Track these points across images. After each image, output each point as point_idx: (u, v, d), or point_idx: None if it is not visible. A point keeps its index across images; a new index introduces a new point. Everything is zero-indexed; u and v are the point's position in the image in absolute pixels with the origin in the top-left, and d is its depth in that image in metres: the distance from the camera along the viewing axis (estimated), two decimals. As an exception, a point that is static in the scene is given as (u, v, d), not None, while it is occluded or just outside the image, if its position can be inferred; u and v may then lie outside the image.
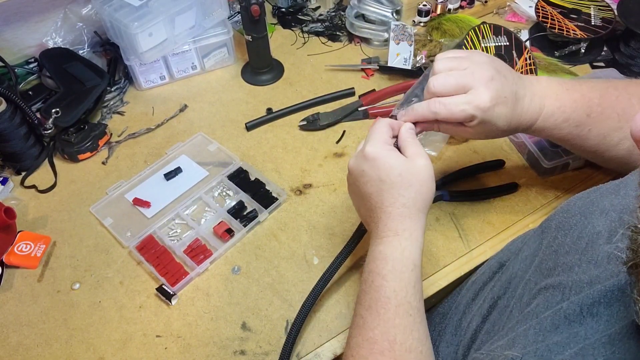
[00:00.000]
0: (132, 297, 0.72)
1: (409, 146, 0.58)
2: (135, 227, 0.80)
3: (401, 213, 0.56)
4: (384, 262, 0.55)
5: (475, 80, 0.57)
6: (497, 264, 0.64)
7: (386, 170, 0.56)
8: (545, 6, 1.03)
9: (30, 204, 0.84)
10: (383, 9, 1.04)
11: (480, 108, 0.57)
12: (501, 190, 0.80)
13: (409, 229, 0.56)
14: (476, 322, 0.59)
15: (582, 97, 0.62)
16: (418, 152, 0.57)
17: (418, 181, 0.56)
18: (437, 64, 0.60)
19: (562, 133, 0.64)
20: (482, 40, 0.90)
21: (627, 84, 0.64)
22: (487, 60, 0.59)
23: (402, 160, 0.57)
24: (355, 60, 1.05)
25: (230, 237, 0.76)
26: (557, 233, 0.53)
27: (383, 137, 0.58)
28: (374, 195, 0.57)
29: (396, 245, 0.55)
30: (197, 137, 0.93)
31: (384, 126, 0.60)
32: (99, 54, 1.06)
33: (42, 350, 0.67)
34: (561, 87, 0.63)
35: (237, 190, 0.83)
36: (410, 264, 0.55)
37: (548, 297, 0.45)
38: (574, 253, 0.47)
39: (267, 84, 1.02)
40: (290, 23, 1.16)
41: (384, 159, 0.56)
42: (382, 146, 0.57)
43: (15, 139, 0.85)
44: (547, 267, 0.50)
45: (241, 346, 0.66)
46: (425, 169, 0.57)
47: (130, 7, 0.92)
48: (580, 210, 0.52)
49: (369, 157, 0.57)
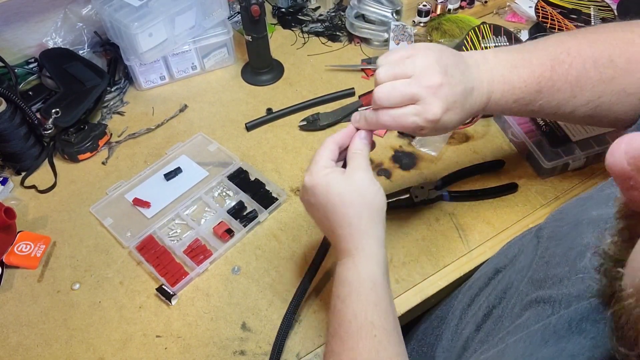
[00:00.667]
0: (132, 297, 0.72)
1: (351, 159, 0.57)
2: (135, 227, 0.80)
3: (350, 233, 0.55)
4: (342, 285, 0.54)
5: (423, 90, 0.53)
6: (493, 270, 0.63)
7: (325, 195, 0.55)
8: (545, 6, 1.03)
9: (30, 204, 0.85)
10: (383, 9, 1.04)
11: (430, 120, 0.54)
12: (501, 190, 0.80)
13: (360, 248, 0.54)
14: (469, 329, 0.58)
15: (532, 74, 0.58)
16: (357, 165, 0.56)
17: (358, 196, 0.54)
18: (380, 72, 0.55)
19: (513, 111, 0.62)
20: (482, 40, 0.90)
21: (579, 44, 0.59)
22: (433, 61, 0.54)
23: (339, 179, 0.55)
24: (355, 61, 1.05)
25: (230, 238, 0.76)
26: (549, 243, 0.52)
27: (320, 160, 0.57)
28: (323, 221, 0.57)
29: (350, 266, 0.54)
30: (197, 137, 0.93)
31: (326, 149, 0.58)
32: (99, 54, 1.06)
33: (42, 350, 0.67)
34: (509, 66, 0.59)
35: (237, 191, 0.83)
36: (368, 283, 0.53)
37: (539, 311, 0.45)
38: (564, 265, 0.47)
39: (267, 84, 1.02)
40: (290, 23, 1.16)
41: (320, 186, 0.55)
42: (319, 172, 0.56)
43: (15, 139, 0.85)
44: (538, 279, 0.49)
45: (241, 346, 0.66)
46: (363, 181, 0.55)
47: (130, 7, 0.92)
48: (571, 220, 0.51)
49: (307, 187, 0.57)
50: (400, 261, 0.73)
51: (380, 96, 0.54)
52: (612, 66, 0.58)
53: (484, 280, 0.64)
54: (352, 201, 0.54)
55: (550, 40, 0.61)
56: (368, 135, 0.59)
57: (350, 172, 0.56)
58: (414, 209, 0.79)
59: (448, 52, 0.57)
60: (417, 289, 0.70)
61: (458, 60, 0.57)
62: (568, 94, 0.59)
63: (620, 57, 0.58)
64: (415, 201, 0.78)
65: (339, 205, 0.54)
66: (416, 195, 0.78)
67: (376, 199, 0.55)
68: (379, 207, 0.56)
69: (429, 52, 0.55)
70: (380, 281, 0.54)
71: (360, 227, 0.54)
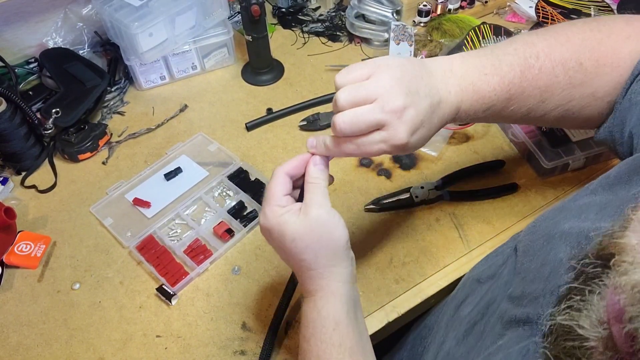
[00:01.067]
0: (132, 297, 0.72)
1: (307, 191, 0.53)
2: (135, 227, 0.80)
3: (310, 276, 0.53)
4: (306, 325, 0.53)
5: (388, 116, 0.49)
6: (476, 280, 0.62)
7: (280, 239, 0.52)
8: (546, 6, 1.03)
9: (30, 204, 0.85)
10: (383, 9, 1.04)
11: (397, 146, 0.51)
12: (501, 191, 0.80)
13: (320, 289, 0.53)
14: (450, 344, 0.57)
15: (501, 81, 0.56)
16: (312, 201, 0.52)
17: (314, 239, 0.51)
18: (340, 97, 0.51)
19: (483, 119, 0.60)
20: (482, 40, 0.90)
21: (548, 46, 0.58)
22: (395, 80, 0.50)
23: (292, 222, 0.52)
24: (356, 61, 1.04)
25: (230, 237, 0.76)
26: (524, 258, 0.51)
27: (273, 198, 0.53)
28: (284, 260, 0.56)
29: (312, 306, 0.53)
30: (197, 137, 0.93)
31: (274, 184, 0.54)
32: (99, 54, 1.06)
33: (42, 350, 0.67)
34: (478, 73, 0.56)
35: (237, 191, 0.83)
36: (330, 324, 0.52)
37: (520, 333, 0.45)
38: (539, 282, 0.46)
39: (268, 84, 1.02)
40: (291, 23, 1.16)
41: (274, 229, 0.52)
42: (272, 212, 0.52)
43: (16, 139, 0.85)
44: (516, 295, 0.49)
45: (241, 346, 0.66)
46: (318, 219, 0.51)
47: (131, 7, 0.92)
48: (544, 234, 0.50)
49: (262, 229, 0.54)
50: (400, 261, 0.73)
51: (343, 126, 0.50)
52: (581, 70, 0.57)
53: (467, 290, 0.63)
54: (308, 245, 0.51)
55: (519, 42, 0.59)
56: (324, 161, 0.55)
57: (305, 209, 0.52)
58: (414, 209, 0.79)
59: (410, 66, 0.53)
60: (417, 289, 0.70)
61: (422, 73, 0.53)
62: (538, 99, 0.58)
63: (590, 59, 0.57)
64: (416, 201, 0.78)
65: (294, 251, 0.52)
66: (416, 195, 0.79)
67: (335, 235, 0.52)
68: (339, 243, 0.52)
69: (390, 70, 0.51)
70: (343, 320, 0.52)
71: (318, 270, 0.52)
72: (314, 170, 0.54)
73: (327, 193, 0.53)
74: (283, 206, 0.53)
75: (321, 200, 0.52)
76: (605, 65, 0.57)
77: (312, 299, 0.53)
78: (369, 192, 0.82)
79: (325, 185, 0.54)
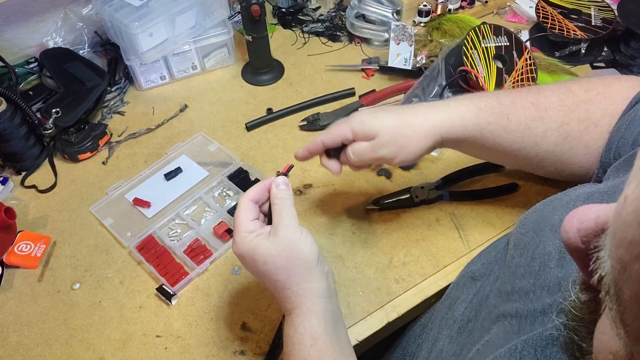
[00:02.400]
0: (132, 297, 0.72)
1: (274, 212, 0.55)
2: (135, 227, 0.80)
3: (285, 295, 0.54)
4: (286, 343, 0.54)
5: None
6: (470, 277, 0.63)
7: (253, 264, 0.54)
8: (546, 6, 1.03)
9: (30, 204, 0.85)
10: (383, 9, 1.04)
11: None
12: (501, 191, 0.80)
13: (297, 306, 0.53)
14: (443, 342, 0.57)
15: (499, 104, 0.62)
16: (280, 221, 0.54)
17: (286, 258, 0.53)
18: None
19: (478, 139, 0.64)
20: (482, 40, 0.90)
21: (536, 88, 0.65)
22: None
23: (262, 245, 0.53)
24: (356, 61, 1.05)
25: (230, 237, 0.76)
26: (514, 252, 0.52)
27: (241, 225, 0.55)
28: (261, 283, 0.57)
29: (289, 323, 0.54)
30: (197, 137, 0.93)
31: (240, 211, 0.56)
32: (99, 54, 1.06)
33: (42, 350, 0.67)
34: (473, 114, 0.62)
35: (238, 191, 0.83)
36: (307, 340, 0.52)
37: (507, 327, 0.45)
38: (529, 277, 0.47)
39: (268, 84, 1.02)
40: (291, 23, 1.16)
41: (246, 254, 0.54)
42: (242, 239, 0.54)
43: (16, 139, 0.85)
44: (506, 291, 0.49)
45: (241, 346, 0.66)
46: (287, 238, 0.53)
47: (131, 7, 0.92)
48: (533, 227, 0.51)
49: (236, 255, 0.56)
50: (401, 261, 0.73)
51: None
52: (570, 94, 0.62)
53: (460, 288, 0.63)
54: (279, 266, 0.53)
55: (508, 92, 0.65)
56: (286, 181, 0.58)
57: (274, 231, 0.54)
58: (414, 209, 0.79)
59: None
60: (418, 289, 0.70)
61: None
62: (534, 113, 0.62)
63: (579, 88, 0.62)
64: (416, 201, 0.78)
65: (268, 273, 0.53)
66: (416, 195, 0.78)
67: (304, 253, 0.53)
68: (309, 260, 0.54)
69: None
70: (321, 335, 0.52)
71: (292, 289, 0.53)
72: (277, 191, 0.56)
73: (293, 211, 0.55)
74: (251, 231, 0.55)
75: (287, 221, 0.54)
76: (597, 94, 0.61)
77: (290, 317, 0.54)
78: (369, 192, 0.82)
79: (290, 204, 0.56)
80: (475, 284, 0.60)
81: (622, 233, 0.22)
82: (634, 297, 0.22)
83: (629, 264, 0.21)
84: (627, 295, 0.22)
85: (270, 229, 0.55)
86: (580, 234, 0.27)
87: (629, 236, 0.21)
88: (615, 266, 0.23)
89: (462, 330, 0.55)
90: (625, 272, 0.22)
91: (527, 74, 0.88)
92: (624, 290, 0.22)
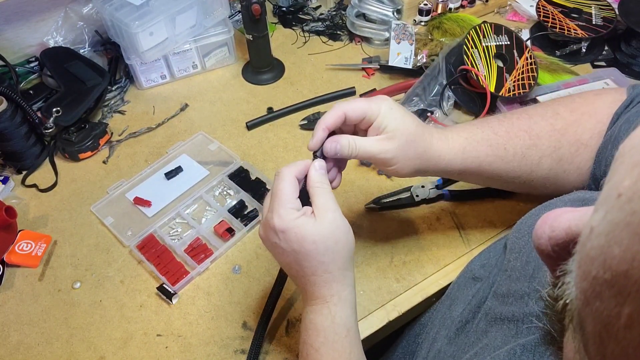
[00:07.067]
0: (133, 296, 0.72)
1: (316, 195, 0.53)
2: (136, 226, 0.80)
3: (325, 279, 0.52)
4: (316, 333, 0.53)
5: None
6: (470, 277, 0.63)
7: (298, 241, 0.51)
8: (547, 5, 1.03)
9: (31, 203, 0.85)
10: (384, 8, 1.04)
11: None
12: (502, 190, 0.80)
13: (336, 294, 0.53)
14: (441, 343, 0.57)
15: (493, 133, 0.62)
16: (326, 205, 0.53)
17: (333, 241, 0.52)
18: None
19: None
20: (483, 39, 0.89)
21: (524, 110, 0.65)
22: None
23: (312, 224, 0.51)
24: (356, 60, 1.05)
25: (230, 237, 0.76)
26: (510, 255, 0.52)
27: (287, 200, 0.52)
28: (293, 265, 0.53)
29: (326, 313, 0.52)
30: (197, 136, 0.93)
31: (287, 185, 0.53)
32: (99, 53, 1.06)
33: (42, 349, 0.68)
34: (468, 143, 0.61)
35: (238, 190, 0.83)
36: (342, 330, 0.52)
37: (504, 331, 0.45)
38: (524, 280, 0.47)
39: (268, 83, 1.02)
40: (291, 22, 1.16)
41: (292, 230, 0.51)
42: (288, 214, 0.52)
43: (16, 138, 0.85)
44: (502, 294, 0.49)
45: (242, 345, 0.66)
46: (335, 223, 0.52)
47: (131, 6, 0.92)
48: (529, 231, 0.51)
49: (277, 229, 0.52)
50: (401, 260, 0.73)
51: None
52: (559, 117, 0.62)
53: (460, 288, 0.63)
54: (327, 248, 0.51)
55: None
56: (324, 166, 0.56)
57: (321, 214, 0.52)
58: (415, 208, 0.79)
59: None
60: (418, 288, 0.70)
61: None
62: (527, 141, 0.63)
63: (565, 109, 0.63)
64: (416, 200, 0.78)
65: (314, 253, 0.51)
66: (417, 194, 0.78)
67: (349, 241, 0.53)
68: (351, 249, 0.54)
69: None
70: (353, 326, 0.53)
71: (335, 274, 0.53)
72: (317, 175, 0.54)
73: (334, 197, 0.54)
74: (298, 209, 0.53)
75: (333, 205, 0.53)
76: (583, 114, 0.61)
77: (326, 305, 0.53)
78: (370, 191, 0.82)
79: (330, 189, 0.54)
80: (475, 285, 0.61)
81: (586, 266, 0.21)
82: (596, 333, 0.21)
83: (591, 299, 0.21)
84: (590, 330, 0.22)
85: (312, 210, 0.53)
86: (551, 242, 0.27)
87: (592, 271, 0.21)
88: (580, 297, 0.22)
89: (460, 332, 0.55)
90: (588, 307, 0.21)
91: (527, 73, 0.88)
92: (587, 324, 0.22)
